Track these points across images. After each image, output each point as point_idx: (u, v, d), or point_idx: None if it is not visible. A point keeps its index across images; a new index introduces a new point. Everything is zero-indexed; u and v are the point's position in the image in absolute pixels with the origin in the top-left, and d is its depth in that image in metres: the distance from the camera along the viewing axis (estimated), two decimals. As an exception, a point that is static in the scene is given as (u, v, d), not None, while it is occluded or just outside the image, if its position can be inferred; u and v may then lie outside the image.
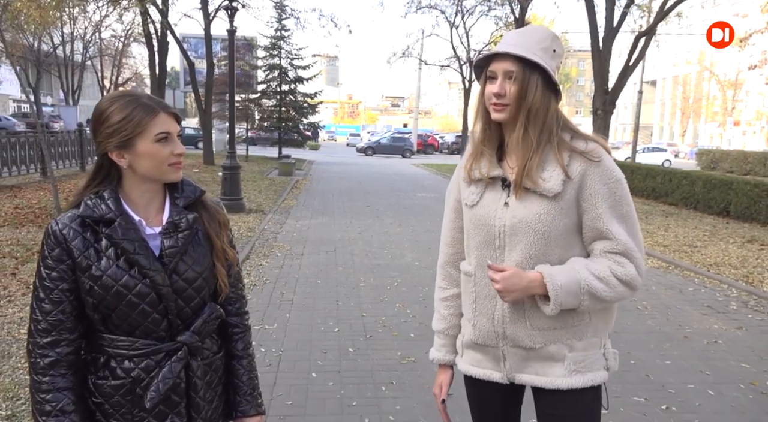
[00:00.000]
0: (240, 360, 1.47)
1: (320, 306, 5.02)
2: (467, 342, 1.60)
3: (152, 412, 1.29)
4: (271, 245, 7.46)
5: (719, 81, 48.61)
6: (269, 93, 26.99)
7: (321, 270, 6.28)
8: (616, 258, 1.40)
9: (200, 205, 1.38)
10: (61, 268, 1.24)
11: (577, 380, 1.45)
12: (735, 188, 11.15)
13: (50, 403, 1.24)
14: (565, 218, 1.42)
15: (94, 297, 1.25)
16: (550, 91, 1.42)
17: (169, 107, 1.30)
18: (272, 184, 15.07)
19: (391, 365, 3.80)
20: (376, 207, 11.65)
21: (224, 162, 10.26)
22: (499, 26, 21.44)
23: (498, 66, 1.42)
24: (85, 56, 38.24)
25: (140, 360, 1.27)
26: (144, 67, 43.01)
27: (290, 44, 26.69)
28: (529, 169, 1.41)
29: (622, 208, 1.41)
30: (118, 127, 1.24)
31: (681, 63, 54.79)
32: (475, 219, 1.52)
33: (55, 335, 1.24)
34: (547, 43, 1.43)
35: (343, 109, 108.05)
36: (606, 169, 1.41)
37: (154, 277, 1.26)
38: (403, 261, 6.80)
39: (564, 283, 1.37)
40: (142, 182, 1.30)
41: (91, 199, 1.27)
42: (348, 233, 8.57)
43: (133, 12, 17.31)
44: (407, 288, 5.66)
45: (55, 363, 1.25)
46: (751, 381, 3.65)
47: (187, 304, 1.32)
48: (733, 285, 5.98)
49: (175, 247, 1.29)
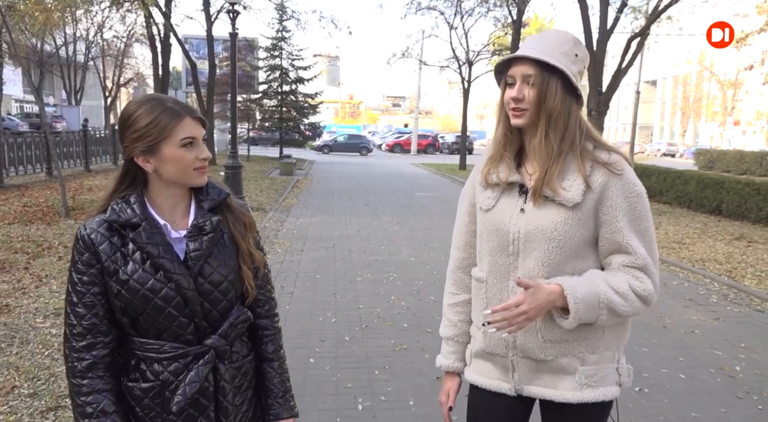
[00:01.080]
0: (271, 363, 1.46)
1: (319, 298, 5.26)
2: (476, 351, 1.57)
3: (181, 415, 1.29)
4: (272, 242, 7.71)
5: (719, 81, 48.74)
6: (270, 93, 27.22)
7: (320, 265, 6.52)
8: (635, 273, 1.39)
9: (225, 208, 1.38)
10: (91, 272, 1.26)
11: (588, 394, 1.42)
12: (727, 187, 11.37)
13: (91, 405, 1.26)
14: (582, 228, 1.40)
15: (122, 300, 1.26)
16: (571, 96, 1.40)
17: (194, 111, 1.31)
18: (273, 183, 15.31)
19: (384, 352, 4.04)
20: (375, 205, 11.89)
21: (226, 161, 10.51)
22: (497, 27, 21.65)
23: (517, 70, 1.40)
24: (87, 57, 38.52)
25: (169, 363, 1.29)
26: (146, 67, 43.33)
27: (291, 45, 26.92)
28: (549, 176, 1.39)
29: (641, 223, 1.40)
30: (144, 132, 1.25)
31: (681, 63, 54.92)
32: (489, 224, 1.50)
33: (90, 338, 1.27)
34: (569, 47, 1.40)
35: (344, 109, 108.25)
36: (628, 183, 1.39)
37: (179, 281, 1.27)
38: (400, 258, 7.04)
39: (584, 296, 1.34)
40: (168, 186, 1.31)
41: (118, 204, 1.29)
42: (347, 230, 8.81)
43: (135, 13, 17.58)
44: (402, 282, 5.90)
45: (92, 366, 1.27)
46: (721, 366, 3.89)
47: (214, 307, 1.32)
48: (716, 279, 6.22)
49: (200, 250, 1.30)
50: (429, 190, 15.64)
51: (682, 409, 3.27)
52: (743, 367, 3.89)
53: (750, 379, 3.71)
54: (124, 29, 32.15)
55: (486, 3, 19.59)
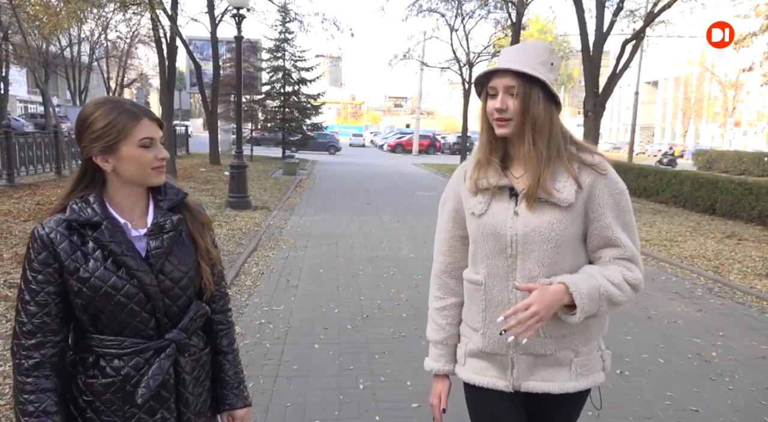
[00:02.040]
0: (226, 356, 1.53)
1: (322, 291, 5.54)
2: (472, 351, 1.61)
3: (143, 408, 1.33)
4: (276, 239, 7.99)
5: (720, 82, 48.91)
6: (273, 94, 27.51)
7: (323, 260, 6.79)
8: (626, 264, 1.48)
9: (183, 207, 1.42)
10: (47, 272, 1.27)
11: (582, 383, 1.52)
12: (720, 187, 11.63)
13: (33, 404, 1.27)
14: (574, 227, 1.48)
15: (83, 298, 1.28)
16: (550, 103, 1.47)
17: (151, 113, 1.35)
18: (276, 182, 15.60)
19: (384, 339, 4.32)
20: (376, 204, 12.17)
21: (231, 161, 10.79)
22: (498, 29, 21.92)
23: (498, 82, 1.46)
24: (92, 58, 38.90)
25: (130, 358, 1.32)
26: (149, 67, 43.77)
27: (294, 46, 27.20)
28: (543, 180, 1.46)
29: (626, 217, 1.50)
30: (102, 133, 1.28)
31: (683, 64, 55.09)
32: (483, 229, 1.53)
33: (39, 337, 1.28)
34: (545, 57, 1.47)
35: (346, 110, 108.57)
36: (612, 181, 1.49)
37: (142, 278, 1.30)
38: (400, 254, 7.32)
39: (588, 291, 1.41)
40: (126, 186, 1.34)
41: (77, 203, 1.30)
42: (349, 228, 9.09)
43: (140, 15, 17.90)
44: (402, 276, 6.17)
45: (39, 365, 1.28)
46: (698, 352, 4.16)
47: (174, 303, 1.37)
48: (702, 274, 6.48)
49: (161, 248, 1.34)
50: (429, 189, 15.91)
51: (657, 389, 3.54)
52: (719, 353, 4.17)
53: (724, 363, 3.98)
54: (127, 30, 32.54)
55: (486, 5, 19.85)
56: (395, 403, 3.30)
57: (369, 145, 51.99)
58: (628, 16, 12.68)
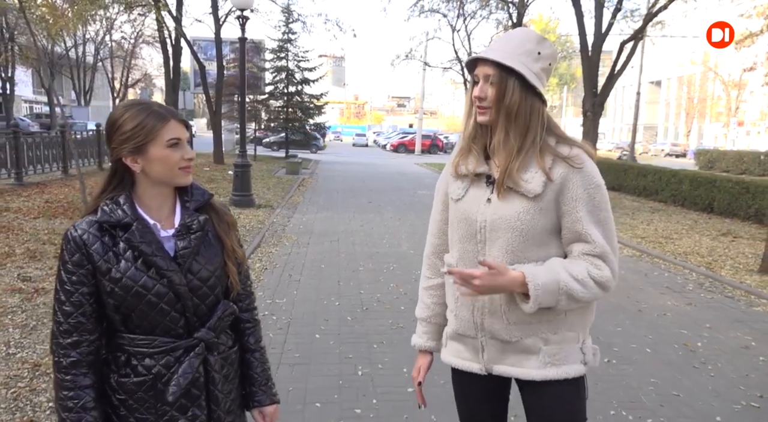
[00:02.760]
0: (253, 354, 1.56)
1: (324, 285, 5.72)
2: (450, 333, 1.66)
3: (174, 406, 1.36)
4: (279, 236, 8.17)
5: (723, 81, 48.90)
6: (276, 94, 27.73)
7: (325, 256, 6.98)
8: (594, 260, 1.46)
9: (209, 208, 1.46)
10: (81, 273, 1.31)
11: (551, 372, 1.51)
12: (718, 185, 11.77)
13: (72, 400, 1.32)
14: (543, 218, 1.47)
15: (115, 298, 1.31)
16: (532, 94, 1.46)
17: (178, 114, 1.38)
18: (280, 181, 15.80)
19: (382, 330, 4.50)
20: (378, 203, 12.35)
21: (236, 160, 10.98)
22: (499, 30, 22.05)
23: (480, 70, 1.48)
24: (96, 58, 39.21)
25: (160, 357, 1.35)
26: (153, 68, 44.10)
27: (297, 47, 27.41)
28: (510, 170, 1.47)
29: (600, 213, 1.47)
30: (131, 134, 1.32)
31: (686, 63, 55.06)
32: (458, 213, 1.58)
33: (76, 336, 1.32)
34: (531, 46, 1.46)
35: (350, 110, 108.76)
36: (587, 175, 1.46)
37: (172, 277, 1.33)
38: (400, 250, 7.49)
39: (544, 283, 1.42)
40: (155, 186, 1.37)
41: (108, 205, 1.34)
42: (350, 226, 9.27)
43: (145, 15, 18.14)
44: (401, 272, 6.35)
45: (77, 363, 1.32)
46: (684, 343, 4.32)
47: (203, 302, 1.40)
48: (695, 270, 6.64)
49: (189, 248, 1.37)
50: (431, 188, 16.00)
51: (643, 377, 3.70)
52: (704, 343, 4.33)
53: (708, 353, 4.14)
54: (132, 31, 32.83)
55: (487, 6, 20.00)
56: (392, 388, 3.48)
57: (372, 144, 52.15)
58: (626, 17, 12.81)
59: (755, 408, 3.32)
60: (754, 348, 4.28)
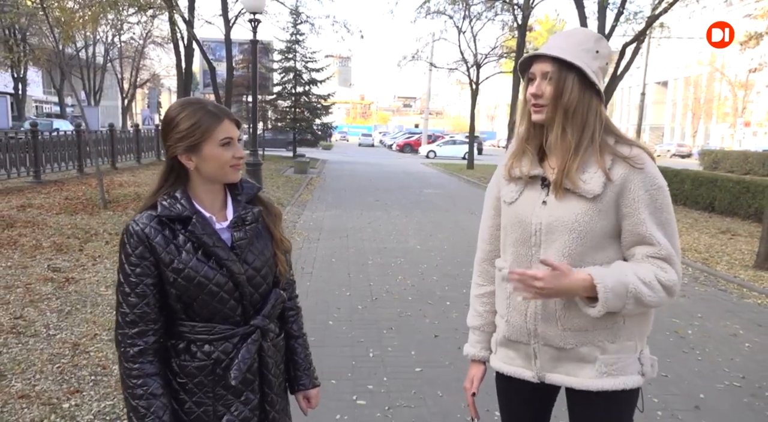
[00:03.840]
0: (297, 340, 1.63)
1: (335, 278, 6.01)
2: (500, 340, 1.62)
3: (231, 389, 1.42)
4: (290, 232, 8.48)
5: (730, 82, 48.87)
6: (284, 94, 28.11)
7: (335, 251, 7.27)
8: (660, 263, 1.41)
9: (258, 200, 1.51)
10: (144, 264, 1.36)
11: (608, 382, 1.45)
12: (719, 185, 11.99)
13: (141, 387, 1.36)
14: (602, 220, 1.43)
15: (178, 288, 1.37)
16: (590, 92, 1.43)
17: (231, 114, 1.42)
18: (288, 180, 16.12)
19: (391, 317, 4.78)
20: (385, 201, 12.64)
21: (247, 159, 11.32)
22: (504, 31, 22.32)
23: (537, 67, 1.46)
24: (106, 59, 39.72)
25: (219, 343, 1.41)
26: (161, 68, 44.61)
27: (305, 48, 27.82)
28: (568, 169, 1.43)
29: (662, 214, 1.42)
30: (187, 133, 1.36)
31: (692, 64, 55.05)
32: (512, 217, 1.54)
33: (141, 325, 1.37)
34: (589, 44, 1.45)
35: (356, 110, 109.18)
36: (649, 176, 1.42)
37: (231, 267, 1.39)
38: (407, 245, 7.78)
39: (613, 286, 1.36)
40: (207, 182, 1.42)
41: (166, 200, 1.38)
42: (359, 223, 9.57)
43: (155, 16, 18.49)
44: (409, 266, 6.64)
45: (143, 352, 1.37)
46: (675, 330, 4.59)
47: (257, 290, 1.45)
48: (691, 265, 6.89)
49: (245, 239, 1.43)
50: (437, 187, 16.35)
51: (634, 360, 3.97)
52: (694, 331, 4.60)
53: (697, 340, 4.41)
54: (140, 32, 33.24)
55: (493, 8, 20.25)
56: (401, 368, 3.77)
57: (378, 144, 52.48)
58: (628, 20, 13.05)
59: (737, 387, 3.59)
60: (741, 335, 4.54)
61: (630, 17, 12.93)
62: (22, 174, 11.67)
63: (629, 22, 12.98)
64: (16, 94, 32.71)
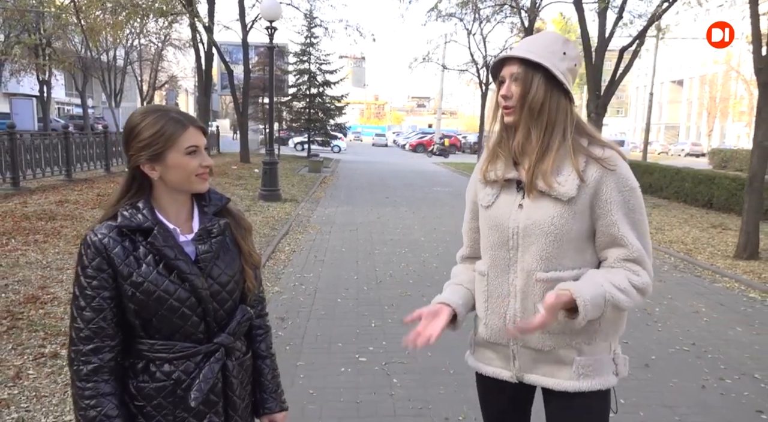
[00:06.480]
0: (264, 360, 1.54)
1: (344, 264, 6.66)
2: (479, 340, 1.64)
3: (192, 412, 1.34)
4: (305, 225, 9.16)
5: (746, 81, 48.63)
6: (299, 96, 28.87)
7: (345, 242, 7.93)
8: (631, 266, 1.44)
9: (226, 212, 1.44)
10: (101, 277, 1.28)
11: (585, 383, 1.48)
12: (717, 182, 12.43)
13: (95, 408, 1.28)
14: (577, 222, 1.44)
15: (136, 303, 1.29)
16: (557, 91, 1.44)
17: (197, 121, 1.36)
18: (303, 179, 16.84)
19: (393, 296, 5.42)
20: (394, 198, 13.28)
21: (263, 158, 12.02)
22: (513, 33, 22.82)
23: (506, 70, 1.48)
24: (126, 61, 40.88)
25: (180, 362, 1.33)
26: (179, 70, 45.73)
27: (319, 50, 28.52)
28: (543, 171, 1.44)
29: (635, 215, 1.44)
30: (150, 141, 1.29)
31: (708, 62, 54.82)
32: (489, 220, 1.55)
33: (97, 342, 1.28)
34: (557, 46, 1.46)
35: (370, 110, 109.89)
36: (621, 177, 1.43)
37: (194, 281, 1.32)
38: (412, 238, 8.41)
39: (591, 298, 1.37)
40: (172, 192, 1.35)
41: (127, 210, 1.31)
42: (368, 217, 10.22)
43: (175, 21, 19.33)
44: (412, 255, 7.26)
45: (98, 370, 1.28)
46: (644, 308, 5.16)
47: (221, 307, 1.38)
48: (674, 255, 7.42)
49: (210, 252, 1.36)
50: (446, 185, 16.95)
51: (602, 330, 4.56)
52: (662, 309, 5.17)
53: (662, 315, 4.99)
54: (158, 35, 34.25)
55: (501, 11, 20.78)
56: (399, 335, 4.35)
57: (391, 144, 53.12)
58: (626, 25, 13.52)
59: (684, 351, 4.17)
60: (703, 312, 5.10)
61: (627, 23, 13.40)
62: (55, 172, 12.51)
63: (626, 26, 13.45)
64: (41, 97, 33.89)
